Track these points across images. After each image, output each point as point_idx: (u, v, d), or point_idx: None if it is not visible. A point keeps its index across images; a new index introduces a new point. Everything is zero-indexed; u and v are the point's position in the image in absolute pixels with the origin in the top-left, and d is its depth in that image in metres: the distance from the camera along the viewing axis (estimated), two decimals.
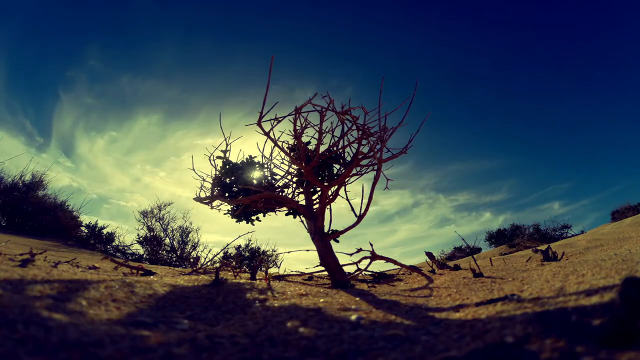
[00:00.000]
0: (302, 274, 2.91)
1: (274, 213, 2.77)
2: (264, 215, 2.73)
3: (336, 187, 2.50)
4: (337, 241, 2.55)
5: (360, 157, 2.37)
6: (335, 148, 2.46)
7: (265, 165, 2.63)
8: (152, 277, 2.14)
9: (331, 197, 2.48)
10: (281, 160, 2.73)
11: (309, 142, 2.54)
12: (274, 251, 7.53)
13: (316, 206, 2.53)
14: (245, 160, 2.60)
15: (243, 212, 2.61)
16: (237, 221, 2.69)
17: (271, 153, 2.64)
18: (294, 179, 2.69)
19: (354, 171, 2.50)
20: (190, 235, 7.30)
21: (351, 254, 2.84)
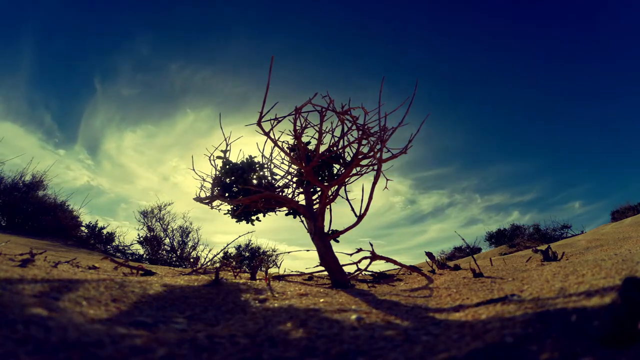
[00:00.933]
0: (302, 274, 2.91)
1: (274, 213, 2.76)
2: (264, 215, 2.73)
3: (336, 187, 2.50)
4: (337, 241, 2.55)
5: (360, 157, 2.37)
6: (335, 148, 2.46)
7: (265, 165, 2.63)
8: (152, 277, 2.14)
9: (331, 197, 2.48)
10: (281, 160, 2.73)
11: (309, 142, 2.54)
12: (274, 251, 7.53)
13: (316, 206, 2.53)
14: (245, 160, 2.60)
15: (243, 212, 2.61)
16: (237, 221, 2.69)
17: (271, 153, 2.64)
18: (294, 179, 2.69)
19: (354, 171, 2.50)
20: (190, 235, 7.30)
21: (351, 254, 2.84)
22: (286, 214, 2.75)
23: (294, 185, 2.73)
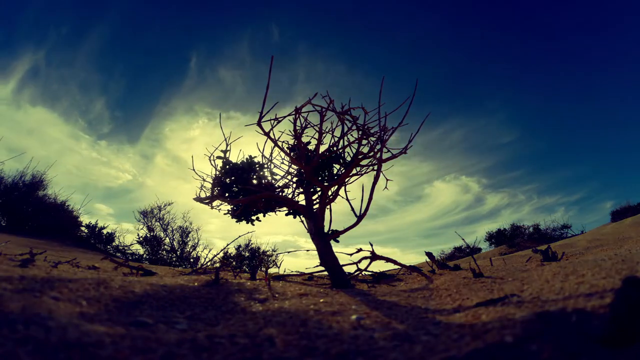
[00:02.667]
0: (302, 274, 2.91)
1: (274, 213, 2.76)
2: (264, 215, 2.73)
3: (336, 187, 2.50)
4: (337, 241, 2.55)
5: (360, 157, 2.37)
6: (335, 148, 2.46)
7: (265, 165, 2.63)
8: (152, 277, 2.14)
9: (331, 197, 2.48)
10: (281, 160, 2.73)
11: (309, 142, 2.54)
12: (274, 251, 7.53)
13: (316, 206, 2.53)
14: (245, 160, 2.60)
15: (243, 212, 2.61)
16: (237, 221, 2.69)
17: (271, 153, 2.64)
18: (294, 179, 2.69)
19: (354, 171, 2.50)
20: (190, 235, 7.30)
21: (351, 254, 2.84)
22: (286, 214, 2.75)
23: (294, 185, 2.73)
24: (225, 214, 2.67)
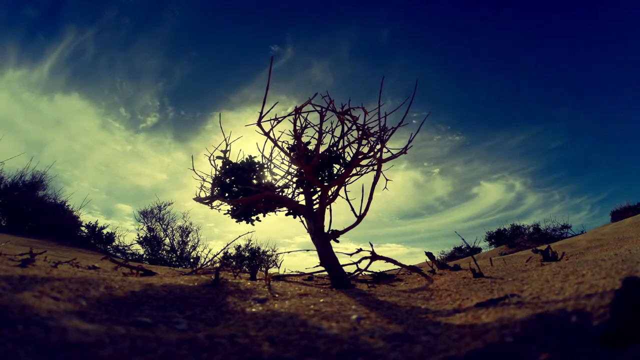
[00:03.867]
0: (302, 274, 2.91)
1: (274, 213, 2.76)
2: (264, 216, 2.73)
3: (336, 187, 2.50)
4: (337, 241, 2.55)
5: (360, 157, 2.37)
6: (335, 148, 2.46)
7: (265, 165, 2.63)
8: (152, 277, 2.14)
9: (331, 197, 2.48)
10: (281, 160, 2.73)
11: (309, 142, 2.54)
12: (274, 251, 7.53)
13: (316, 206, 2.53)
14: (245, 160, 2.60)
15: (243, 212, 2.61)
16: (237, 221, 2.69)
17: (271, 153, 2.64)
18: (294, 179, 2.69)
19: (354, 171, 2.50)
20: (190, 235, 7.30)
21: (351, 254, 2.84)
22: (286, 214, 2.75)
23: (294, 185, 2.73)
24: (225, 214, 2.67)
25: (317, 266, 2.44)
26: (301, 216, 2.67)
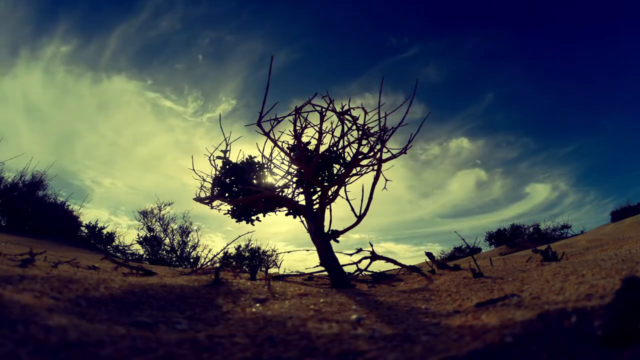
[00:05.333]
0: (302, 274, 2.91)
1: (274, 213, 2.76)
2: (264, 215, 2.73)
3: (336, 187, 2.50)
4: (337, 241, 2.55)
5: (360, 157, 2.37)
6: (335, 148, 2.46)
7: (265, 165, 2.63)
8: (152, 277, 2.14)
9: (331, 197, 2.48)
10: (281, 160, 2.73)
11: (309, 142, 2.54)
12: (274, 251, 7.53)
13: (316, 206, 2.53)
14: (245, 160, 2.60)
15: (243, 212, 2.61)
16: (237, 221, 2.69)
17: (271, 153, 2.64)
18: (294, 179, 2.69)
19: (354, 171, 2.50)
20: (190, 235, 7.30)
21: (351, 254, 2.84)
22: (286, 214, 2.75)
23: (294, 185, 2.72)
24: (225, 214, 2.67)
25: (317, 266, 2.44)
26: (301, 216, 2.67)
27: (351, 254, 2.84)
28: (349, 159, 2.59)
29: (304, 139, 2.40)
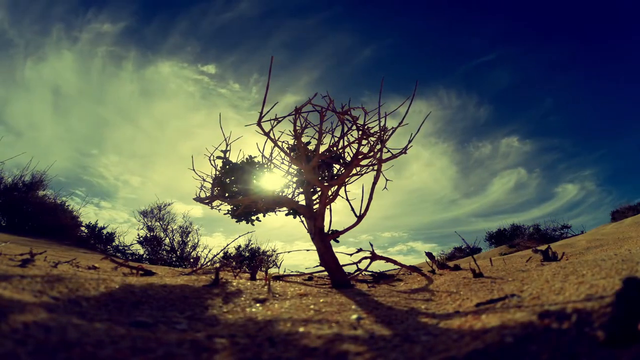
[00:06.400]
0: (302, 274, 2.91)
1: (274, 213, 2.76)
2: (264, 216, 2.73)
3: (336, 187, 2.50)
4: (337, 241, 2.55)
5: (360, 157, 2.37)
6: (335, 148, 2.46)
7: (266, 166, 2.63)
8: (152, 277, 2.14)
9: (331, 197, 2.48)
10: (281, 161, 2.73)
11: (309, 142, 2.54)
12: (274, 251, 7.53)
13: (316, 206, 2.53)
14: (245, 160, 2.60)
15: (243, 212, 2.61)
16: (237, 221, 2.69)
17: (271, 153, 2.64)
18: (294, 179, 2.69)
19: (354, 171, 2.50)
20: (190, 235, 7.30)
21: (351, 254, 2.84)
22: (286, 214, 2.75)
23: (294, 186, 2.72)
24: (225, 214, 2.67)
25: (317, 266, 2.44)
26: (301, 216, 2.67)
27: (351, 254, 2.84)
28: (349, 159, 2.59)
29: (304, 139, 2.40)
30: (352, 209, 2.48)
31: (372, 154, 2.36)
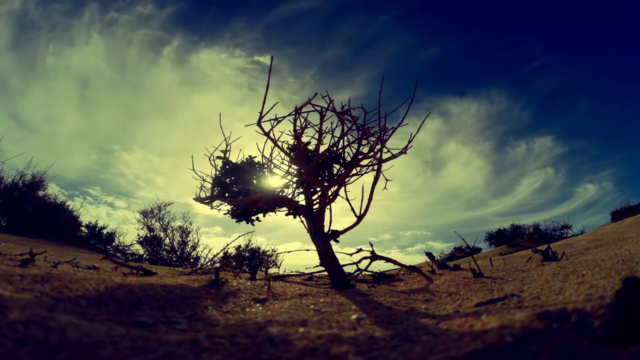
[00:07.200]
0: (302, 274, 2.91)
1: (273, 213, 2.76)
2: (264, 216, 2.73)
3: (336, 187, 2.50)
4: (337, 241, 2.55)
5: (360, 157, 2.37)
6: (335, 148, 2.46)
7: (266, 166, 2.63)
8: (152, 277, 2.14)
9: (331, 197, 2.48)
10: (281, 160, 2.73)
11: (309, 142, 2.54)
12: (274, 251, 7.53)
13: (316, 206, 2.53)
14: (245, 160, 2.60)
15: (243, 213, 2.61)
16: (237, 221, 2.69)
17: (271, 153, 2.64)
18: (294, 179, 2.69)
19: (354, 171, 2.50)
20: (190, 235, 7.30)
21: (351, 254, 2.84)
22: (286, 214, 2.75)
23: (294, 186, 2.72)
24: (225, 214, 2.67)
25: (317, 266, 2.44)
26: (301, 216, 2.67)
27: (351, 254, 2.84)
28: (349, 159, 2.59)
29: (304, 139, 2.40)
30: (352, 209, 2.48)
31: (372, 154, 2.36)
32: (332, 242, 2.44)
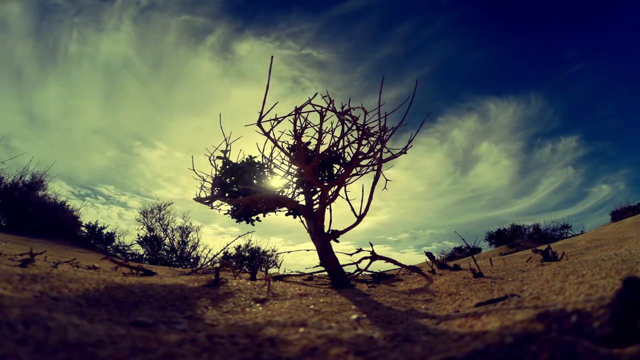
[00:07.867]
0: (302, 274, 2.91)
1: (274, 213, 2.76)
2: (264, 216, 2.73)
3: (336, 187, 2.50)
4: (337, 241, 2.55)
5: (360, 157, 2.37)
6: (335, 148, 2.46)
7: (266, 166, 2.63)
8: (152, 277, 2.14)
9: (331, 197, 2.48)
10: (281, 160, 2.73)
11: (309, 142, 2.54)
12: (274, 251, 7.53)
13: (316, 206, 2.53)
14: (245, 160, 2.60)
15: (243, 213, 2.61)
16: (237, 221, 2.69)
17: (271, 153, 2.64)
18: (294, 179, 2.69)
19: (354, 171, 2.50)
20: (190, 235, 7.30)
21: (351, 254, 2.84)
22: (286, 214, 2.75)
23: (294, 186, 2.72)
24: (225, 214, 2.67)
25: (317, 266, 2.44)
26: (301, 216, 2.67)
27: (351, 254, 2.85)
28: (349, 159, 2.59)
29: (304, 139, 2.40)
30: (352, 209, 2.48)
31: (372, 154, 2.36)
32: (332, 241, 2.44)
